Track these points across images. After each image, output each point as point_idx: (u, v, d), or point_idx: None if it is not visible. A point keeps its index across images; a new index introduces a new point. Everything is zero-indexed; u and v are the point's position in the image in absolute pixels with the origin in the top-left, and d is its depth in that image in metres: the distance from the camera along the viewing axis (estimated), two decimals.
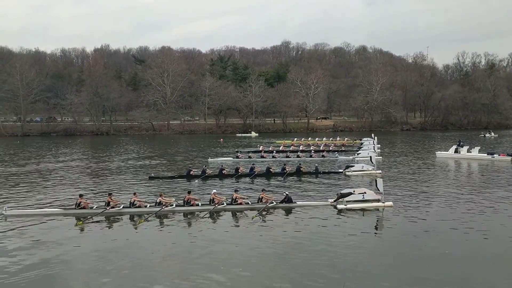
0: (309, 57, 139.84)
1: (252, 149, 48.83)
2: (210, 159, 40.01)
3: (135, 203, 19.49)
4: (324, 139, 62.11)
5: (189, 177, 29.14)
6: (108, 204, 19.37)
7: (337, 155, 42.03)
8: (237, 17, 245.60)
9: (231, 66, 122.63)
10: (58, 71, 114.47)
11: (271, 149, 47.63)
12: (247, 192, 23.53)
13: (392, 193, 22.56)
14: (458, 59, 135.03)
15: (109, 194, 20.52)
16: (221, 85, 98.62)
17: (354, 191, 20.33)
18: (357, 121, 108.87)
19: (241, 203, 19.88)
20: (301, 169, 30.66)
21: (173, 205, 19.51)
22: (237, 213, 19.18)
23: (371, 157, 32.09)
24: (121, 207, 19.35)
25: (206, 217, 18.38)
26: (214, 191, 20.90)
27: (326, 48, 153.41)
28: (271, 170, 30.51)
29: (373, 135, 55.81)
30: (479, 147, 41.59)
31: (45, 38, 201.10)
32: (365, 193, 20.29)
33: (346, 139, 62.63)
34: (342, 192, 20.62)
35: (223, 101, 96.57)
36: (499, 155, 38.80)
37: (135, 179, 29.47)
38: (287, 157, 40.17)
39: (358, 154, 41.13)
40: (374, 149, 43.86)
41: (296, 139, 61.62)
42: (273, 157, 40.80)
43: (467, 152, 40.96)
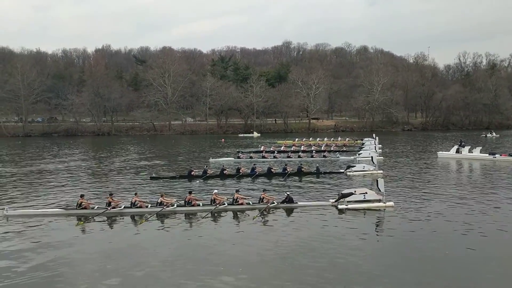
0: (310, 57, 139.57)
1: (253, 150, 48.85)
2: (211, 159, 40.04)
3: (136, 203, 19.50)
4: (325, 139, 62.06)
5: (190, 177, 29.18)
6: (109, 204, 19.40)
7: (338, 155, 41.97)
8: (238, 17, 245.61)
9: (232, 66, 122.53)
10: (59, 71, 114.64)
11: (272, 149, 47.68)
12: (248, 192, 23.54)
13: (393, 193, 22.52)
14: (459, 59, 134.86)
15: (110, 194, 20.56)
16: (222, 86, 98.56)
17: (355, 191, 20.31)
18: (358, 121, 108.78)
19: (242, 203, 19.89)
20: (302, 169, 30.66)
21: (174, 205, 19.52)
22: (238, 213, 19.18)
23: (372, 157, 32.11)
24: (122, 207, 19.37)
25: (207, 217, 18.38)
26: (215, 191, 20.92)
27: (327, 48, 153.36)
28: (272, 170, 30.52)
29: (374, 135, 55.76)
30: (480, 147, 41.46)
31: (45, 38, 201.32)
32: (366, 193, 20.27)
33: (347, 139, 62.58)
34: (343, 192, 20.64)
35: (224, 101, 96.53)
36: (500, 155, 38.72)
37: (136, 180, 29.50)
38: (288, 157, 40.17)
39: (359, 154, 41.07)
40: (375, 149, 43.84)
41: (297, 139, 61.62)
42: (275, 157, 40.80)
43: (469, 152, 40.89)
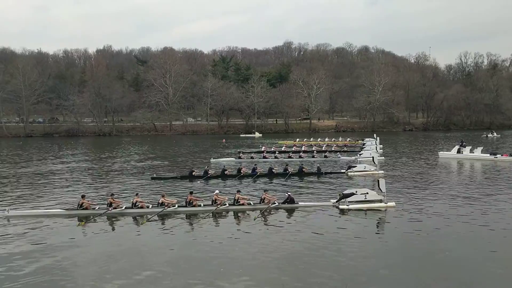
0: (311, 57, 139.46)
1: (254, 150, 48.88)
2: (212, 160, 40.07)
3: (137, 204, 19.50)
4: (326, 139, 62.09)
5: (191, 177, 29.20)
6: (110, 204, 19.40)
7: (339, 155, 41.93)
8: (239, 18, 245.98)
9: (233, 66, 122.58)
10: (60, 72, 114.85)
11: (273, 149, 47.69)
12: (249, 192, 23.53)
13: (394, 194, 22.50)
14: (460, 59, 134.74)
15: (111, 194, 20.58)
16: (223, 86, 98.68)
17: (356, 192, 20.30)
18: (360, 122, 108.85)
19: (243, 204, 19.89)
20: (303, 169, 30.65)
21: (175, 206, 19.53)
22: (239, 214, 19.18)
23: (373, 157, 32.09)
24: (123, 208, 19.38)
25: (208, 218, 18.38)
26: (216, 192, 20.92)
27: (328, 48, 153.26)
28: (273, 170, 30.52)
29: (375, 135, 55.82)
30: (481, 147, 41.39)
31: (47, 39, 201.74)
32: (368, 193, 20.25)
33: (348, 139, 62.59)
34: (344, 192, 20.63)
35: (225, 101, 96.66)
36: (502, 155, 38.69)
37: (137, 180, 29.51)
38: (289, 157, 40.20)
39: (360, 154, 41.06)
40: (376, 149, 43.87)
41: (298, 139, 61.67)
42: (276, 157, 40.78)
43: (470, 152, 40.85)
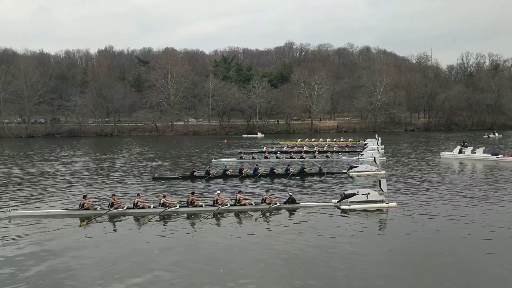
0: (313, 58, 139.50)
1: (256, 150, 48.88)
2: (214, 160, 40.08)
3: (138, 204, 19.52)
4: (327, 140, 62.05)
5: (192, 178, 29.20)
6: (111, 205, 19.41)
7: (340, 155, 41.91)
8: (240, 18, 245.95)
9: (234, 67, 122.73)
10: (62, 72, 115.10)
11: (274, 150, 47.68)
12: (250, 193, 23.53)
13: (396, 194, 22.48)
14: (462, 60, 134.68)
15: (113, 195, 20.58)
16: (225, 86, 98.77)
17: (358, 192, 20.28)
18: (361, 122, 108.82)
19: (244, 204, 19.89)
20: (305, 170, 30.62)
21: (176, 206, 19.54)
22: (241, 214, 19.17)
23: (375, 157, 32.04)
24: (125, 208, 19.40)
25: (209, 218, 18.38)
26: (217, 192, 20.91)
27: (329, 49, 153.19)
28: (275, 171, 30.51)
29: (377, 135, 55.80)
30: (483, 148, 41.33)
31: (48, 39, 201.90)
32: (369, 193, 20.24)
33: (350, 140, 62.47)
34: (346, 192, 20.62)
35: (226, 102, 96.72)
36: (503, 156, 38.60)
37: (139, 180, 29.52)
38: (291, 158, 40.19)
39: (362, 154, 41.05)
40: (378, 149, 43.83)
41: (299, 140, 61.66)
42: (277, 158, 40.76)
43: (472, 152, 40.77)
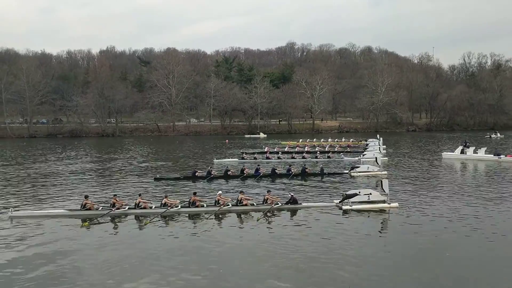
0: (314, 58, 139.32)
1: (257, 150, 48.86)
2: (215, 160, 40.08)
3: (140, 204, 19.53)
4: (329, 140, 62.03)
5: (194, 178, 29.19)
6: (113, 205, 19.40)
7: (342, 156, 41.88)
8: (241, 18, 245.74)
9: (236, 67, 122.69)
10: (64, 73, 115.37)
11: (276, 150, 47.67)
12: (252, 193, 23.50)
13: (397, 194, 22.45)
14: (464, 60, 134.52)
15: (115, 195, 20.60)
16: (226, 86, 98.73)
17: (359, 192, 20.26)
18: (363, 122, 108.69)
19: (246, 204, 19.88)
20: (306, 170, 30.60)
21: (178, 206, 19.54)
22: (242, 214, 19.16)
23: (376, 158, 32.06)
24: (126, 208, 19.41)
25: (211, 219, 18.37)
26: (219, 192, 20.94)
27: (331, 49, 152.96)
28: (277, 171, 30.47)
29: (378, 136, 55.73)
30: (485, 148, 41.22)
31: (50, 40, 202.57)
32: (371, 194, 20.21)
33: (351, 140, 62.47)
34: (347, 193, 20.59)
35: (228, 102, 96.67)
36: (505, 156, 38.49)
37: (140, 181, 29.55)
38: (293, 158, 40.18)
39: (363, 155, 40.95)
40: (379, 150, 43.73)
41: (301, 140, 61.63)
42: (279, 158, 40.75)
43: (473, 153, 40.69)
